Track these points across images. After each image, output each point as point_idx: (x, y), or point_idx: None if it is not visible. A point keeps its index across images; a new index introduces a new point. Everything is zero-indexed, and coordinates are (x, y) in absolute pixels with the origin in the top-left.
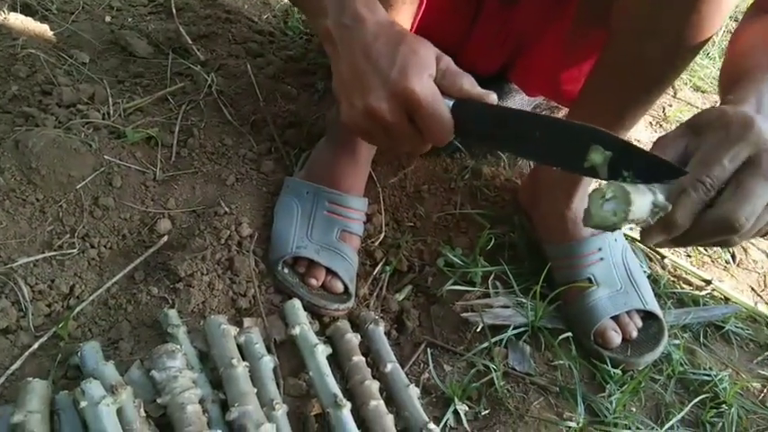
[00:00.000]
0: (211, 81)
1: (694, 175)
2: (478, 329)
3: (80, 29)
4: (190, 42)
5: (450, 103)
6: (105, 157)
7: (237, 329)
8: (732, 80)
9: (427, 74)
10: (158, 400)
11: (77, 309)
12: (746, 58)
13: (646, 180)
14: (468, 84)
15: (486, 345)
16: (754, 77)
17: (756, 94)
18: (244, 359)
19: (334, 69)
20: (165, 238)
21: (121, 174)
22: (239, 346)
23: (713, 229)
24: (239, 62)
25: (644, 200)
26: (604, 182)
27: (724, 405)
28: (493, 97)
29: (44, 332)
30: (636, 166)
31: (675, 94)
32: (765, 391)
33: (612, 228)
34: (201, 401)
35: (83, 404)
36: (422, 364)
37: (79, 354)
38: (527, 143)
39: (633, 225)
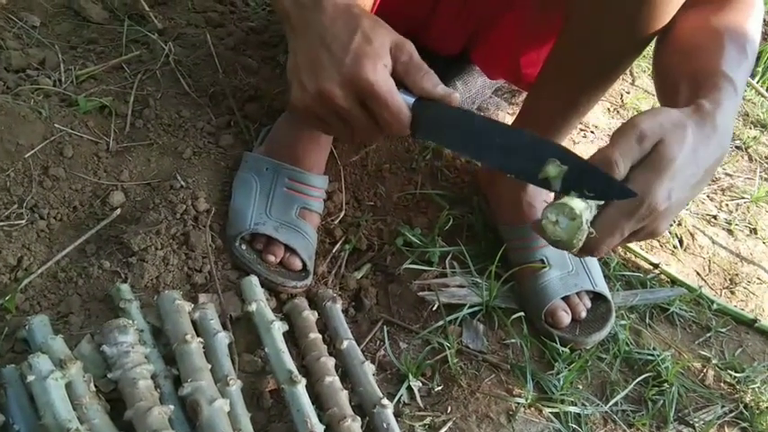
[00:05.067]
0: (169, 50)
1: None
2: (434, 308)
3: None
4: (147, 9)
5: (411, 100)
6: (56, 125)
7: (192, 305)
8: (688, 75)
9: (381, 63)
10: (109, 375)
11: (25, 281)
12: (697, 55)
13: (597, 197)
14: (430, 83)
15: (441, 323)
16: (714, 83)
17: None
18: (198, 335)
19: (290, 50)
20: (119, 211)
21: (73, 143)
22: (194, 323)
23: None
24: (198, 32)
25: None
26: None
27: (666, 384)
28: (455, 97)
29: None
30: (589, 183)
31: (634, 81)
32: (705, 370)
33: (569, 243)
34: (154, 377)
35: (30, 378)
36: (378, 342)
37: (27, 327)
38: (486, 149)
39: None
